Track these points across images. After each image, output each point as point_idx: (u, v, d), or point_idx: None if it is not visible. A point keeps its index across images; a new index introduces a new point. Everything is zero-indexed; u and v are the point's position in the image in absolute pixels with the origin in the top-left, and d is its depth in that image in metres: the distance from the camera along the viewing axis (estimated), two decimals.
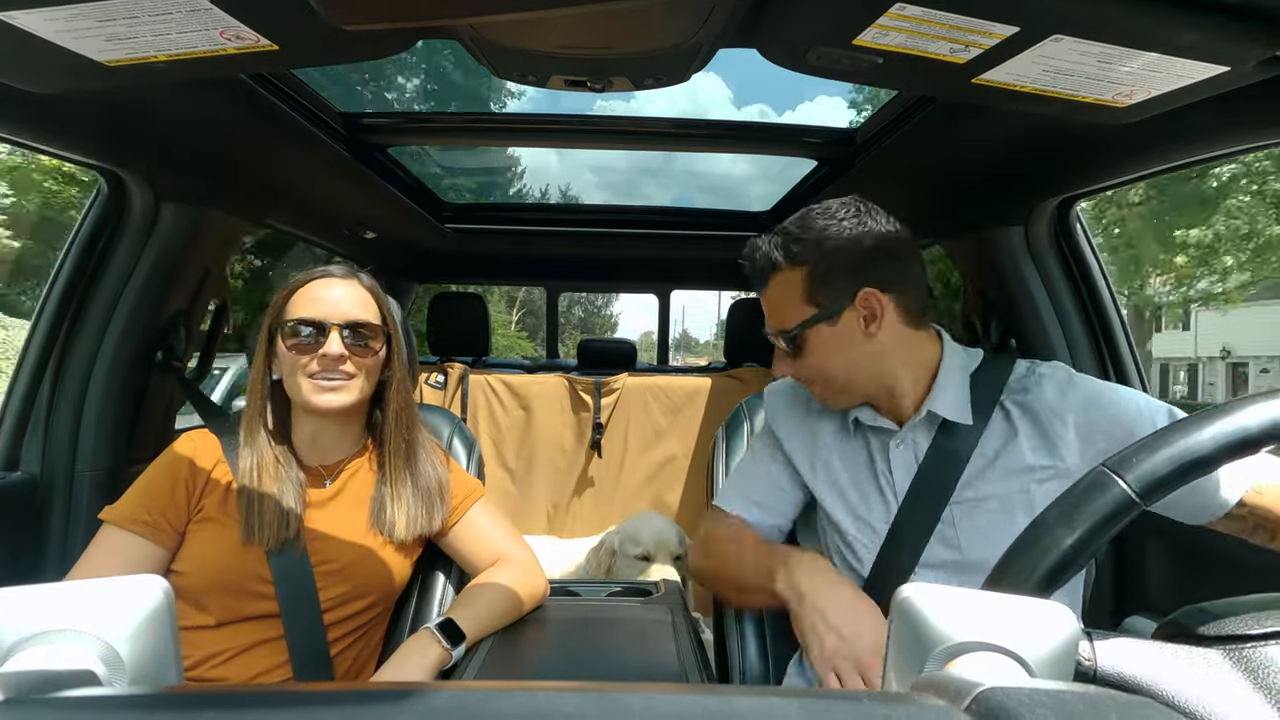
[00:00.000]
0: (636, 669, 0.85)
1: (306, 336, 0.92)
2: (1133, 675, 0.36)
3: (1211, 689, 0.34)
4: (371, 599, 0.97)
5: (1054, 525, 0.41)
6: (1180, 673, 0.35)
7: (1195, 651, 0.36)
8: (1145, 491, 0.40)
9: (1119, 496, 0.40)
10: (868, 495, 0.94)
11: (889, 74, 0.75)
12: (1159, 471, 0.40)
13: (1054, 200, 1.26)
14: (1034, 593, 0.40)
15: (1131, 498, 0.40)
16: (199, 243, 1.29)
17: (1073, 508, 0.41)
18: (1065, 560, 0.40)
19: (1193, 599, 0.40)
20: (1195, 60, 0.66)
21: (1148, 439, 0.42)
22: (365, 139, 1.42)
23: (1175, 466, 0.40)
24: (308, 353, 0.92)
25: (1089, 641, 0.37)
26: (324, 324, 0.92)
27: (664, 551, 1.68)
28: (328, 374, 0.92)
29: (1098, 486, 0.41)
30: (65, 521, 1.20)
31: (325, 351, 0.91)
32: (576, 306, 29.64)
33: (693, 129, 1.48)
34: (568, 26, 0.73)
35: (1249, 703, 0.33)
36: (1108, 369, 1.31)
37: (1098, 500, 0.40)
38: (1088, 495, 0.41)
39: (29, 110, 0.93)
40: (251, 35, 0.65)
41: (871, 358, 0.90)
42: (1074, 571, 0.41)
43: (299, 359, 0.92)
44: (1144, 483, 0.40)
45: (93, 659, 0.30)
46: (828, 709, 0.24)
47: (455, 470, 1.09)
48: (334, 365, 0.92)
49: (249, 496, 0.90)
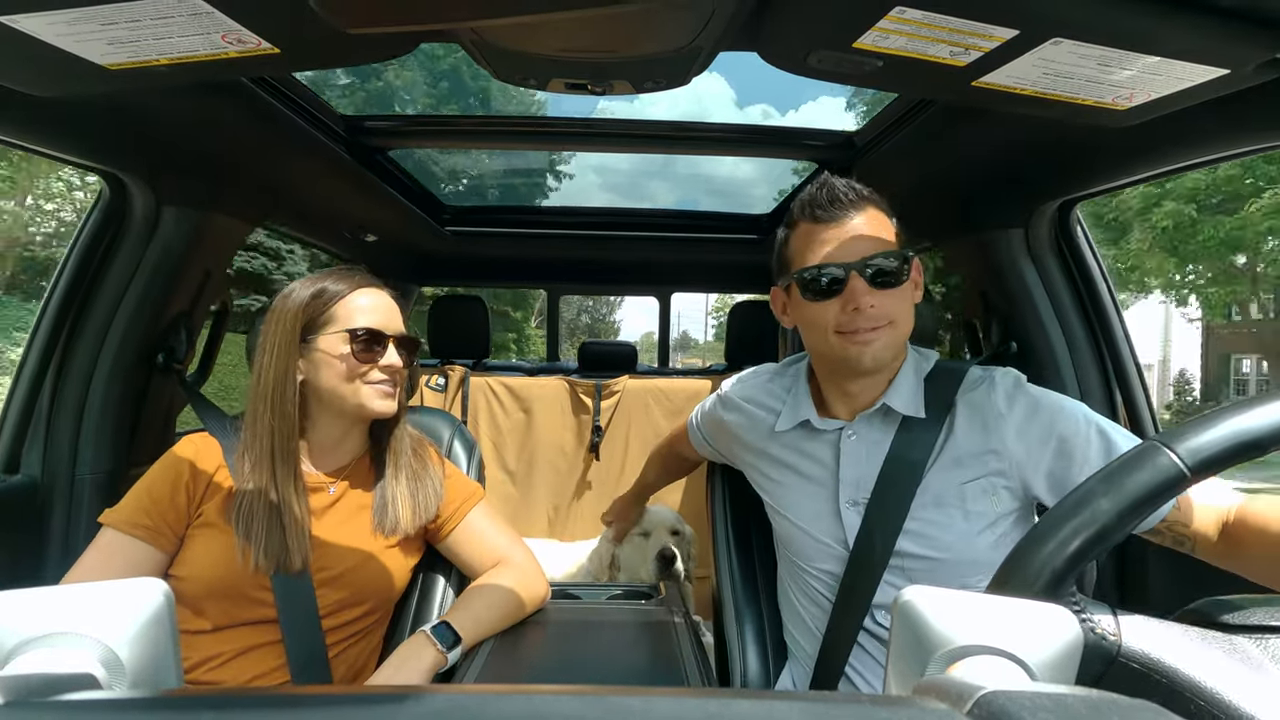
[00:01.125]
0: (637, 672, 0.85)
1: (368, 345, 0.94)
2: (1159, 656, 0.35)
3: (1241, 673, 0.33)
4: (370, 605, 0.97)
5: (1097, 494, 0.40)
6: (1208, 655, 0.34)
7: (1221, 637, 0.35)
8: (1197, 466, 0.39)
9: (1169, 469, 0.39)
10: (818, 499, 0.95)
11: (889, 77, 0.75)
12: (1212, 447, 0.39)
13: (1054, 203, 1.26)
14: (1071, 561, 0.39)
15: (1183, 470, 0.39)
16: (200, 245, 1.29)
17: (1118, 478, 0.40)
18: (1105, 531, 0.39)
19: (1193, 599, 0.40)
20: (1195, 63, 0.66)
21: (1202, 417, 0.41)
22: (366, 142, 1.43)
23: (1229, 445, 0.39)
24: (368, 361, 0.94)
25: (1114, 617, 0.37)
26: (382, 334, 0.95)
27: (662, 527, 1.73)
28: (387, 383, 0.95)
29: (1147, 457, 0.40)
30: (66, 524, 1.20)
31: (387, 362, 0.95)
32: (584, 315, 30.01)
33: (693, 131, 1.48)
34: (568, 29, 0.73)
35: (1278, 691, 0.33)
36: (1108, 370, 1.31)
37: (1146, 471, 0.39)
38: (1135, 465, 0.40)
39: (31, 113, 0.93)
40: (253, 39, 0.65)
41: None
42: (1111, 544, 0.39)
43: (359, 366, 0.93)
44: (1196, 457, 0.39)
45: (93, 662, 0.29)
46: (829, 712, 0.24)
47: (454, 473, 1.09)
48: (393, 374, 0.96)
49: (249, 516, 0.89)
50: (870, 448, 0.93)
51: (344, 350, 0.93)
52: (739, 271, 2.71)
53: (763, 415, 1.04)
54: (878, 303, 0.85)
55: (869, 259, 0.86)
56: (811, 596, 0.96)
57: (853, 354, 0.87)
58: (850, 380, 0.94)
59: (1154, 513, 0.40)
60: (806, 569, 0.96)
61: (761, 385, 1.08)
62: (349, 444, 1.01)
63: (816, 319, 0.89)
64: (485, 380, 2.32)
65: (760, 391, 1.07)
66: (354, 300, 0.95)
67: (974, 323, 1.49)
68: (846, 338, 0.88)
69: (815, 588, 0.95)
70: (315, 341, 0.93)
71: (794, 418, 0.99)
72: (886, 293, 0.86)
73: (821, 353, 0.93)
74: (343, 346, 0.93)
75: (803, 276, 0.89)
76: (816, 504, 0.95)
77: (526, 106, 8.07)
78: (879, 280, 0.86)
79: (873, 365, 0.88)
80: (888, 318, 0.87)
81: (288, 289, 0.97)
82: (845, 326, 0.87)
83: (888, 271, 0.86)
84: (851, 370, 0.90)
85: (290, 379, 0.92)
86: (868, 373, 0.91)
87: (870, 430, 0.93)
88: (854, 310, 0.86)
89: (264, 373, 0.93)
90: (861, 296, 0.85)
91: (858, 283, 0.85)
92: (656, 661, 0.88)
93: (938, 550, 0.86)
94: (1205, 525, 0.75)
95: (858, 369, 0.89)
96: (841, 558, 0.92)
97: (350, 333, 0.93)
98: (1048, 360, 1.32)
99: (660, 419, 2.34)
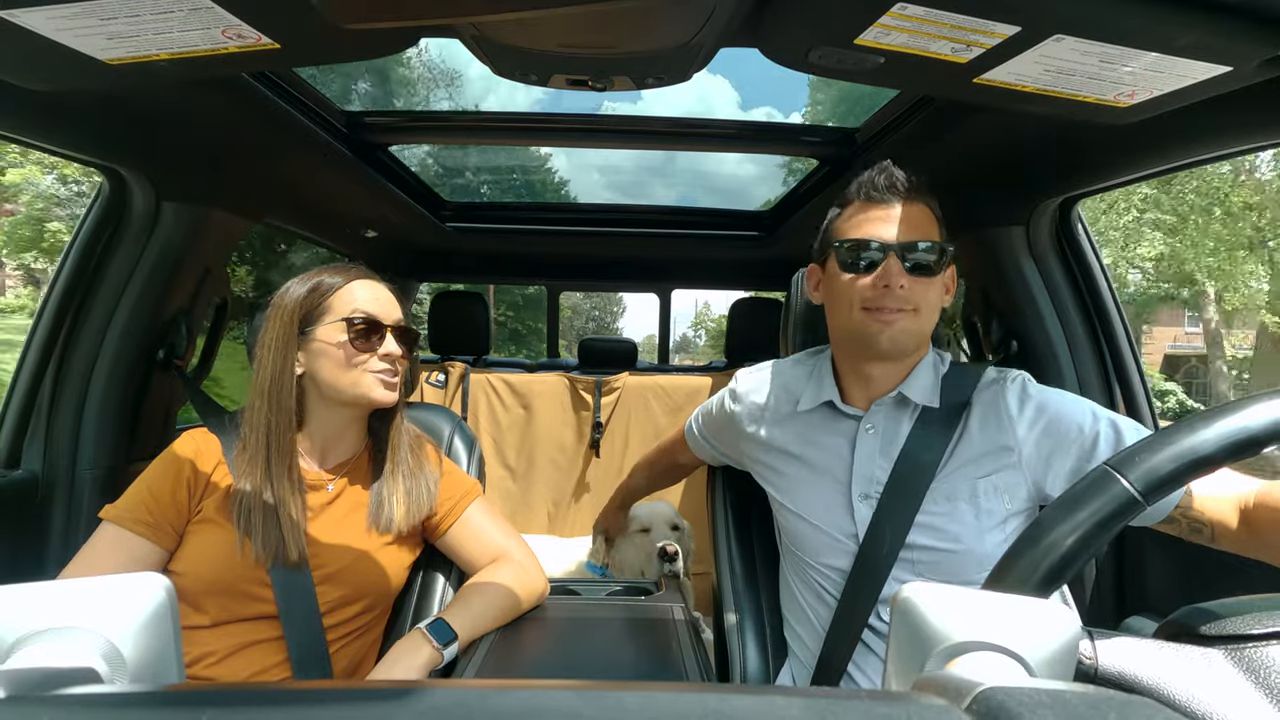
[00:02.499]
0: (636, 668, 0.85)
1: (366, 334, 0.94)
2: (1134, 674, 0.36)
3: (1213, 689, 0.34)
4: (368, 601, 0.97)
5: (1056, 524, 0.41)
6: (1182, 672, 0.35)
7: (1197, 651, 0.36)
8: (1148, 490, 0.40)
9: (1121, 495, 0.40)
10: (830, 492, 0.96)
11: (890, 74, 0.75)
12: (1162, 470, 0.40)
13: (1055, 200, 1.26)
14: (1035, 591, 0.40)
15: (1134, 496, 0.40)
16: (200, 241, 1.29)
17: (1075, 506, 0.41)
18: (1067, 559, 0.40)
19: (1192, 599, 0.40)
20: (1197, 60, 0.65)
21: (1151, 438, 0.42)
22: (366, 138, 1.42)
23: (1178, 465, 0.40)
24: (367, 350, 0.94)
25: (1090, 641, 0.37)
26: (380, 323, 0.95)
27: (661, 521, 1.74)
28: (387, 371, 0.96)
29: (1100, 485, 0.41)
30: (66, 520, 1.21)
31: (387, 351, 0.95)
32: (591, 323, 30.32)
33: (695, 128, 1.48)
34: (569, 25, 0.73)
35: (1251, 702, 0.33)
36: (1108, 368, 1.31)
37: (1100, 498, 0.40)
38: (1090, 494, 0.41)
39: (31, 108, 0.93)
40: (253, 34, 0.65)
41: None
42: (1075, 570, 0.41)
43: (358, 355, 0.94)
44: (1147, 481, 0.40)
45: (94, 657, 0.30)
46: (828, 707, 0.24)
47: (452, 470, 1.09)
48: (392, 362, 0.96)
49: (249, 510, 0.89)
50: (885, 441, 0.93)
51: (342, 339, 0.93)
52: (740, 268, 2.71)
53: (782, 398, 1.05)
54: (908, 285, 0.87)
55: (909, 244, 0.87)
56: (816, 592, 0.96)
57: (873, 330, 0.88)
58: (869, 363, 0.94)
59: (1116, 529, 0.41)
60: (813, 564, 0.96)
61: (783, 370, 1.09)
62: (348, 440, 1.01)
63: (845, 291, 0.91)
64: (485, 377, 2.33)
65: (780, 376, 1.08)
66: (351, 291, 0.96)
67: (974, 320, 1.49)
68: (870, 314, 0.89)
69: (820, 584, 0.95)
70: (313, 333, 0.94)
71: (816, 398, 0.99)
72: (919, 279, 0.87)
73: (844, 328, 0.94)
74: (340, 335, 0.93)
75: (842, 246, 0.91)
76: (827, 497, 0.95)
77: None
78: (915, 266, 0.87)
79: (889, 347, 0.89)
80: (914, 303, 0.88)
81: (285, 286, 0.97)
82: (872, 303, 0.88)
83: (925, 259, 0.87)
84: (870, 350, 0.91)
85: (289, 372, 0.93)
86: (884, 355, 0.91)
87: (887, 423, 0.94)
88: (884, 288, 0.87)
89: (263, 367, 0.93)
90: (894, 276, 0.86)
91: (894, 263, 0.87)
92: (656, 657, 0.88)
93: (947, 542, 0.87)
94: (1223, 513, 0.74)
95: (876, 348, 0.90)
96: (850, 552, 0.92)
97: (348, 321, 0.93)
98: (1048, 358, 1.32)
99: (660, 416, 2.34)
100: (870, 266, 0.88)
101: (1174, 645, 0.37)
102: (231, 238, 1.42)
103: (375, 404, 0.97)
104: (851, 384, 0.98)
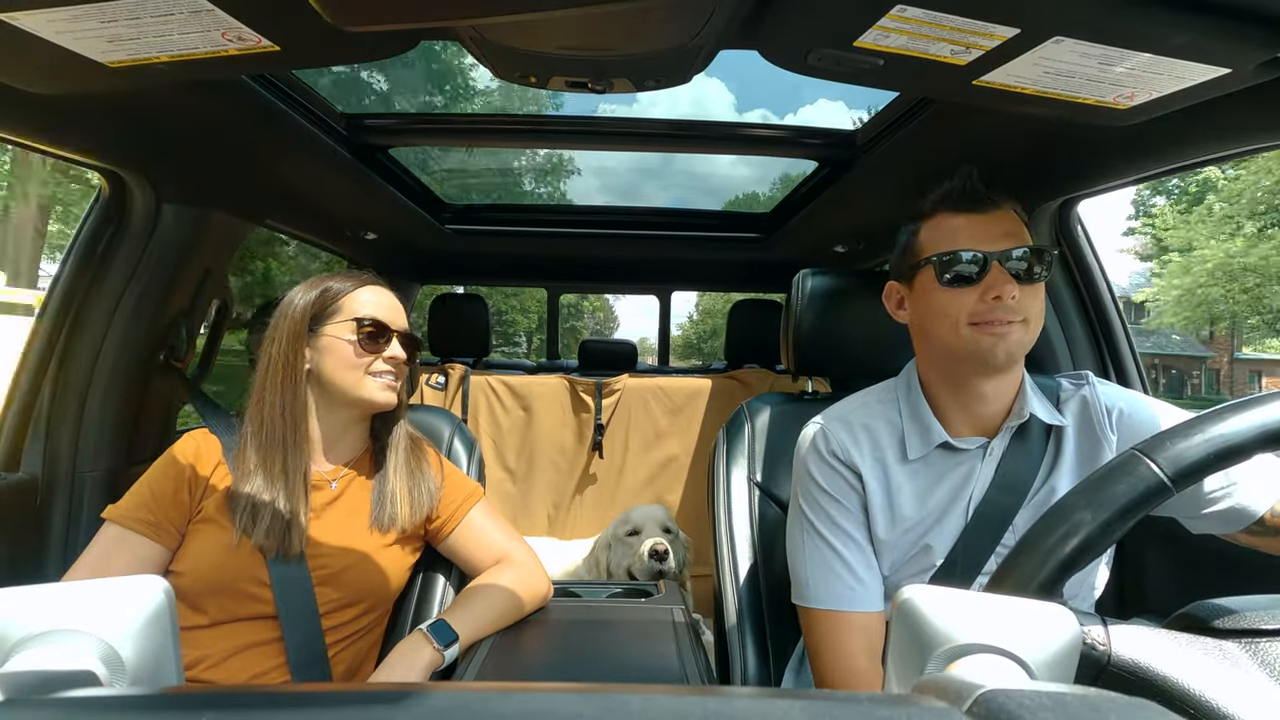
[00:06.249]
0: (637, 670, 0.85)
1: (374, 336, 0.96)
2: (1147, 663, 0.35)
3: (1229, 680, 0.34)
4: (368, 603, 0.97)
5: (1079, 507, 0.40)
6: (1197, 662, 0.35)
7: (1210, 642, 0.36)
8: (1177, 476, 0.39)
9: (1149, 479, 0.39)
10: (933, 524, 0.88)
11: (890, 75, 0.75)
12: (1191, 455, 0.39)
13: (1055, 202, 1.26)
14: (1057, 573, 0.39)
15: (1163, 481, 0.39)
16: (200, 243, 1.29)
17: (1100, 489, 0.40)
18: (1089, 542, 0.39)
19: (1193, 600, 0.40)
20: (1196, 62, 0.66)
21: (1180, 425, 0.41)
22: (367, 140, 1.42)
23: (1208, 452, 0.39)
24: (373, 351, 0.96)
25: (1103, 627, 0.37)
26: (387, 327, 0.98)
27: (652, 523, 1.74)
28: (390, 375, 0.98)
29: (1127, 468, 0.40)
30: (66, 522, 1.21)
31: (392, 354, 0.98)
32: (598, 327, 30.59)
33: (693, 130, 1.48)
34: (569, 28, 0.73)
35: (1267, 695, 0.33)
36: (1108, 369, 1.31)
37: (1127, 482, 0.39)
38: (1116, 476, 0.40)
39: (31, 110, 0.93)
40: (253, 36, 0.65)
41: None
42: (1097, 554, 0.40)
43: (364, 355, 0.96)
44: (1176, 466, 0.39)
45: (93, 659, 0.29)
46: (829, 710, 0.24)
47: (453, 473, 1.09)
48: (396, 366, 0.99)
49: (252, 504, 0.90)
50: (998, 464, 0.88)
51: (350, 338, 0.95)
52: (740, 270, 2.71)
53: (881, 448, 0.91)
54: (1019, 295, 0.80)
55: (1012, 250, 0.81)
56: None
57: (986, 345, 0.81)
58: (982, 380, 0.86)
59: (1134, 521, 0.39)
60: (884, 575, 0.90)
61: (861, 413, 0.94)
62: (350, 439, 1.02)
63: (949, 308, 0.83)
64: (485, 379, 2.33)
65: (863, 419, 0.93)
66: (360, 295, 0.99)
67: None
68: (981, 329, 0.82)
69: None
70: (323, 329, 0.96)
71: (926, 441, 0.88)
72: (1026, 288, 0.81)
73: (948, 346, 0.85)
74: (349, 334, 0.95)
75: (941, 259, 0.83)
76: (918, 533, 0.89)
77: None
78: (1021, 274, 0.81)
79: (1006, 360, 0.82)
80: (1024, 313, 0.82)
81: (293, 291, 0.99)
82: (981, 317, 0.82)
83: (1031, 267, 0.82)
84: (982, 365, 0.83)
85: (299, 364, 0.95)
86: (999, 369, 0.84)
87: (1001, 444, 0.87)
88: (994, 299, 0.80)
89: (272, 361, 0.95)
90: (1003, 285, 0.80)
91: (999, 272, 0.81)
92: (656, 659, 0.88)
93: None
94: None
95: (991, 363, 0.82)
96: (929, 569, 0.88)
97: (357, 321, 0.96)
98: (1048, 358, 1.32)
99: (660, 417, 2.34)
100: (974, 277, 0.82)
101: (1187, 635, 0.36)
102: (232, 240, 1.43)
103: (375, 406, 0.98)
104: (952, 410, 0.89)
